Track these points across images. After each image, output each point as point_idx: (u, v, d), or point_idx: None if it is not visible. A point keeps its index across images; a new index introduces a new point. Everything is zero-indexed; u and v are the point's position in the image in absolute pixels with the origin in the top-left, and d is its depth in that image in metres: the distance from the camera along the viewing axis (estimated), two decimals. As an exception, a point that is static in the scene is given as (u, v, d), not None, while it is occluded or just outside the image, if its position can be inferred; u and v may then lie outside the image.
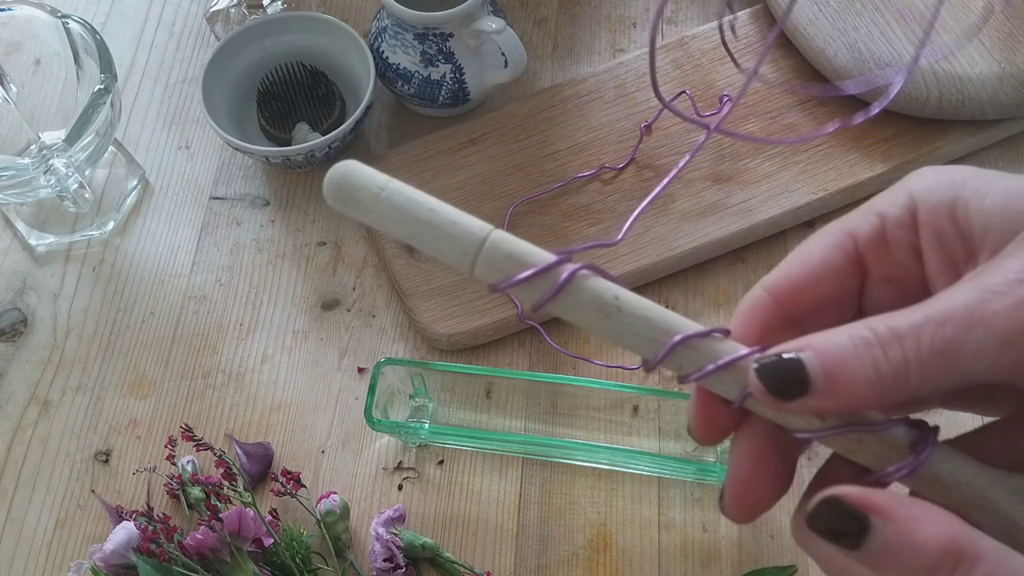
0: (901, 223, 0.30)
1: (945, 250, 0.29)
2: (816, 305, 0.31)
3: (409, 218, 0.30)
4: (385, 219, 0.30)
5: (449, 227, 0.30)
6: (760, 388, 0.28)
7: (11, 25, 0.66)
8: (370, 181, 0.30)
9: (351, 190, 0.30)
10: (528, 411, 0.61)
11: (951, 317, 0.26)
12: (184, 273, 0.68)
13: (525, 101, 0.71)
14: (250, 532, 0.54)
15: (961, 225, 0.29)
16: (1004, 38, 0.67)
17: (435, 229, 0.30)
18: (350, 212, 0.30)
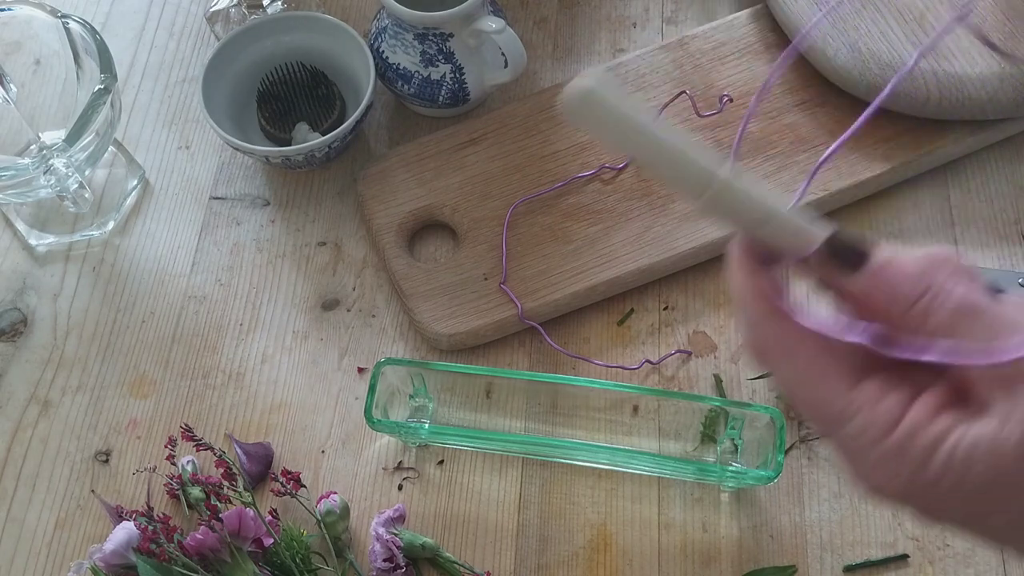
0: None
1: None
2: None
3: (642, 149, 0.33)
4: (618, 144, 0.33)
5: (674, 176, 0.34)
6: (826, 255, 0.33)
7: (11, 25, 0.66)
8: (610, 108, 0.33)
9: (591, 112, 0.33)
10: (528, 411, 0.61)
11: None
12: (184, 273, 0.68)
13: (525, 101, 0.71)
14: (250, 532, 0.54)
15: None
16: (1004, 38, 0.67)
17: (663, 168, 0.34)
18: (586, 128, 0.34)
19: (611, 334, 0.64)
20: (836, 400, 0.32)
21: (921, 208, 0.68)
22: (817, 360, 0.33)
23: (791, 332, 0.33)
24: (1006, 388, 0.30)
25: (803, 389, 0.33)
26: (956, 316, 0.31)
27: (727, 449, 0.58)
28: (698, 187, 0.33)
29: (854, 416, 0.32)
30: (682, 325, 0.64)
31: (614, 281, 0.64)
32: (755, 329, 0.34)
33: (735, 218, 0.34)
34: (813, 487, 0.59)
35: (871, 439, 0.31)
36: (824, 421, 0.33)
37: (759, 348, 0.35)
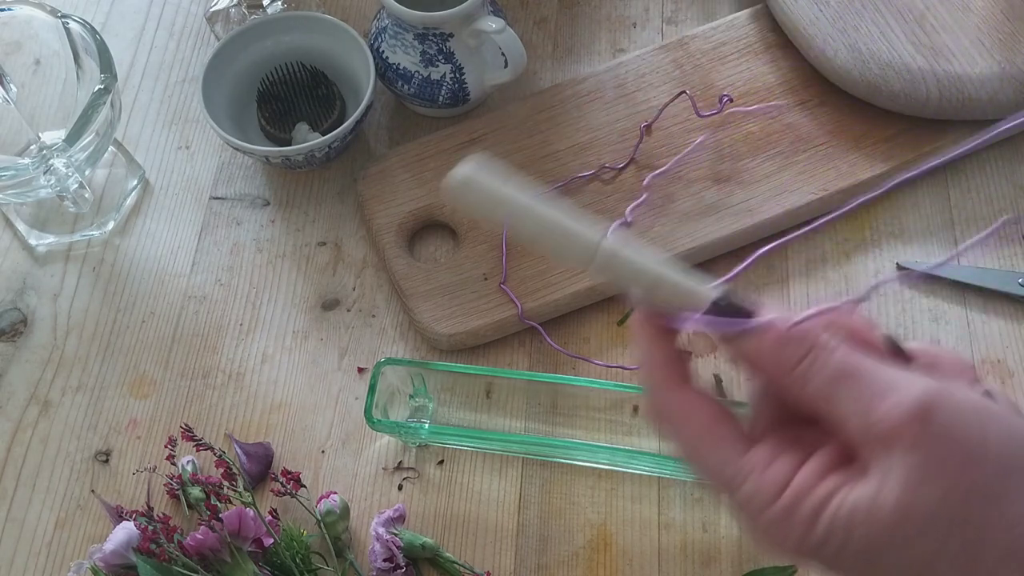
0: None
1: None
2: None
3: (525, 227, 0.35)
4: (503, 222, 0.35)
5: (558, 248, 0.36)
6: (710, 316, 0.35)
7: (11, 25, 0.66)
8: (490, 191, 0.35)
9: (475, 193, 0.35)
10: (528, 411, 0.61)
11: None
12: (184, 273, 0.68)
13: (525, 101, 0.71)
14: (250, 532, 0.54)
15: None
16: (1004, 38, 0.67)
17: (549, 242, 0.35)
18: (469, 211, 0.35)
19: (611, 334, 0.64)
20: (728, 465, 0.34)
21: (921, 208, 0.68)
22: (711, 426, 0.34)
23: (686, 399, 0.35)
24: (885, 448, 0.30)
25: (698, 454, 0.35)
26: (835, 379, 0.32)
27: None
28: (584, 257, 0.35)
29: (745, 481, 0.33)
30: (682, 325, 0.64)
31: (614, 281, 0.64)
32: (654, 395, 0.36)
33: (626, 283, 0.36)
34: (813, 487, 0.59)
35: (760, 504, 0.32)
36: (719, 485, 0.34)
37: (657, 413, 0.36)
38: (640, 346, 0.36)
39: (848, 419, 0.32)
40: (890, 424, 0.30)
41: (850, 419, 0.31)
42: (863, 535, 0.30)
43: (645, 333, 0.36)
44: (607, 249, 0.35)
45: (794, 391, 0.33)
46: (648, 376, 0.36)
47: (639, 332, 0.36)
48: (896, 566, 0.31)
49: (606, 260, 0.35)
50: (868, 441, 0.31)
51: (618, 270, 0.35)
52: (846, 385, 0.32)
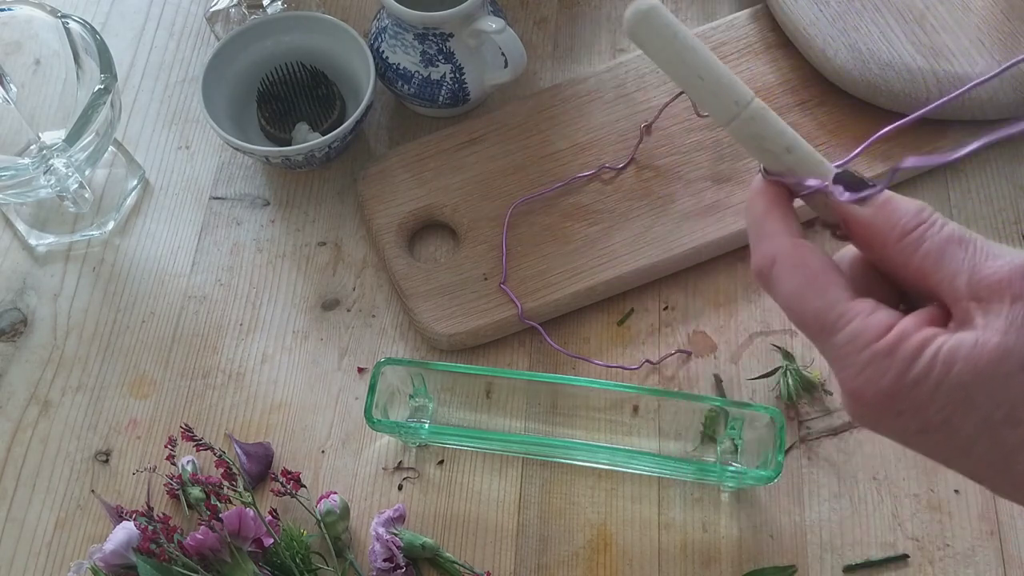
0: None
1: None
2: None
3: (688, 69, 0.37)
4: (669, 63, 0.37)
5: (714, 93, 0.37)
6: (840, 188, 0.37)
7: (11, 25, 0.66)
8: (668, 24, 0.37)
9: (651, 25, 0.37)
10: (528, 411, 0.61)
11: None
12: (184, 273, 0.68)
13: (525, 101, 0.71)
14: (250, 532, 0.54)
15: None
16: (1004, 38, 0.67)
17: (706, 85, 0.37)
18: (642, 46, 0.37)
19: (611, 334, 0.64)
20: (836, 307, 0.35)
21: (921, 208, 0.67)
22: (822, 272, 0.36)
23: (801, 245, 0.37)
24: (983, 306, 0.33)
25: (806, 297, 0.36)
26: (947, 242, 0.35)
27: (727, 449, 0.58)
28: (733, 109, 0.37)
29: (851, 321, 0.35)
30: (682, 325, 0.64)
31: (614, 281, 0.64)
32: (768, 240, 0.38)
33: (762, 143, 0.38)
34: (813, 487, 0.59)
35: (864, 342, 0.34)
36: (821, 327, 0.36)
37: (769, 259, 0.37)
38: (758, 202, 0.38)
39: (956, 276, 0.34)
40: (998, 278, 0.33)
41: (958, 276, 0.34)
42: (962, 371, 0.32)
43: (767, 191, 0.39)
44: (756, 106, 0.37)
45: (902, 258, 0.35)
46: (764, 225, 0.38)
47: (759, 190, 0.39)
48: (988, 403, 0.33)
49: (753, 114, 0.37)
50: (973, 294, 0.34)
51: (760, 128, 0.37)
52: (958, 248, 0.35)
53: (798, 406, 0.61)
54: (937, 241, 0.35)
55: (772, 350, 0.63)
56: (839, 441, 0.60)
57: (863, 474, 0.59)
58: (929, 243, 0.35)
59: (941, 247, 0.35)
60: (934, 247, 0.35)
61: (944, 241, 0.35)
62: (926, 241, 0.35)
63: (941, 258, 0.35)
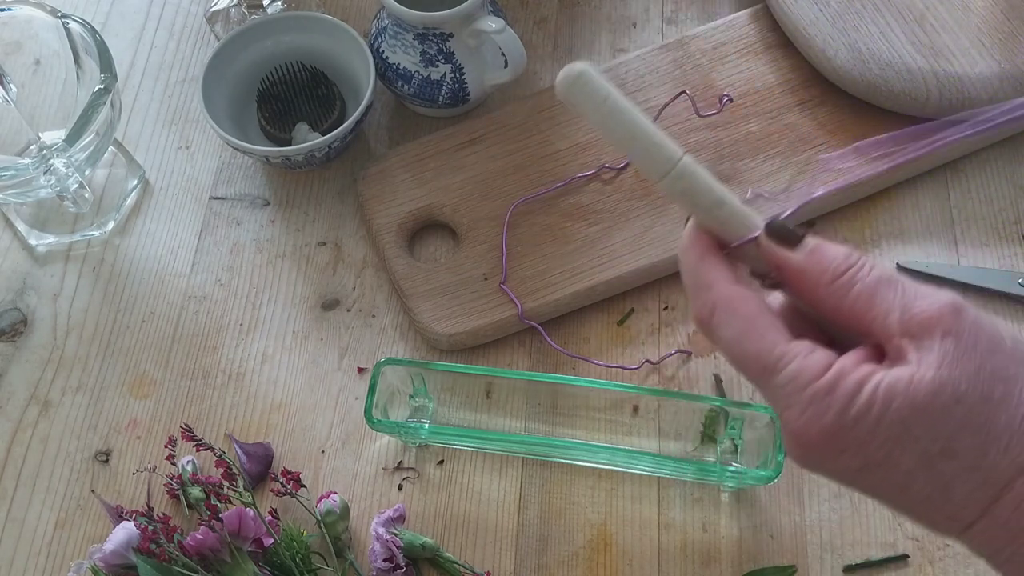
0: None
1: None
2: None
3: (619, 129, 0.39)
4: (600, 124, 0.39)
5: (645, 151, 0.39)
6: (768, 236, 0.39)
7: (11, 25, 0.66)
8: (599, 88, 0.39)
9: (582, 89, 0.39)
10: (528, 411, 0.61)
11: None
12: (184, 273, 0.68)
13: (525, 101, 0.71)
14: (250, 532, 0.54)
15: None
16: (1004, 38, 0.67)
17: (638, 145, 0.39)
18: (575, 107, 0.39)
19: (611, 334, 0.64)
20: (775, 349, 0.37)
21: (921, 208, 0.68)
22: (759, 317, 0.38)
23: (738, 291, 0.39)
24: (916, 342, 0.35)
25: (745, 342, 0.38)
26: (877, 284, 0.36)
27: (727, 449, 0.58)
28: (664, 167, 0.39)
29: (790, 362, 0.36)
30: (682, 325, 0.64)
31: (614, 281, 0.64)
32: (706, 290, 0.39)
33: (693, 199, 0.39)
34: (813, 487, 0.59)
35: (804, 381, 0.36)
36: (762, 369, 0.37)
37: (708, 308, 0.39)
38: (691, 253, 0.40)
39: (888, 314, 0.36)
40: (928, 315, 0.35)
41: (890, 314, 0.36)
42: (901, 406, 0.34)
43: (699, 241, 0.40)
44: (686, 164, 0.39)
45: (834, 300, 0.37)
46: (700, 275, 0.39)
47: (692, 242, 0.40)
48: (926, 437, 0.34)
49: (682, 173, 0.39)
50: (906, 331, 0.35)
51: (690, 185, 0.39)
52: (888, 288, 0.36)
53: (798, 406, 0.61)
54: (868, 283, 0.36)
55: (772, 350, 0.63)
56: (839, 441, 0.60)
57: (863, 474, 0.59)
58: (860, 285, 0.36)
59: (872, 288, 0.36)
60: (865, 288, 0.36)
61: (874, 282, 0.36)
62: (857, 283, 0.37)
63: (872, 298, 0.36)
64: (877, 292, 0.36)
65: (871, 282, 0.36)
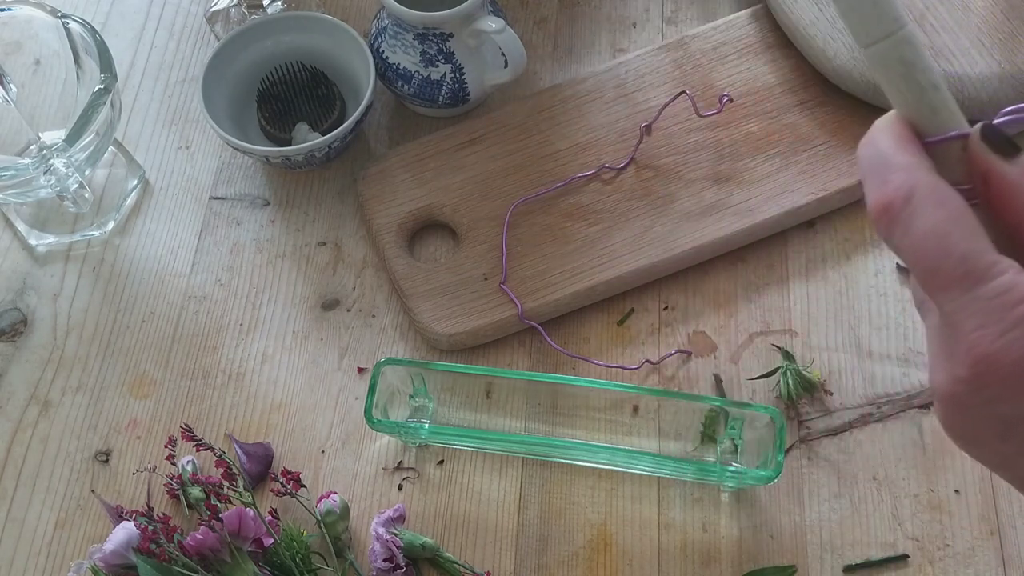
0: None
1: None
2: None
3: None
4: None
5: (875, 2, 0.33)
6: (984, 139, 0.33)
7: (11, 25, 0.66)
8: None
9: None
10: (528, 411, 0.61)
11: None
12: (184, 273, 0.68)
13: (525, 101, 0.71)
14: (250, 532, 0.54)
15: None
16: (1004, 38, 0.67)
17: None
18: None
19: (611, 334, 0.64)
20: (986, 254, 0.31)
21: (921, 208, 0.67)
22: (969, 216, 0.32)
23: (944, 184, 0.33)
24: None
25: (951, 238, 0.31)
26: None
27: (727, 449, 0.58)
28: (892, 26, 0.33)
29: (1003, 273, 0.31)
30: (682, 325, 0.64)
31: (614, 281, 0.64)
32: (903, 172, 0.33)
33: (910, 73, 0.33)
34: (813, 487, 0.59)
35: (1016, 298, 0.30)
36: (964, 274, 0.31)
37: (904, 191, 0.32)
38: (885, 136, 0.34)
39: None
40: None
41: None
42: None
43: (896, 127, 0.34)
44: (912, 33, 0.33)
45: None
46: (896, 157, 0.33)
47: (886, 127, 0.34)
48: None
49: (910, 37, 0.33)
50: None
51: (913, 55, 0.33)
52: None
53: (798, 406, 0.61)
54: None
55: (772, 350, 0.63)
56: (839, 441, 0.60)
57: (863, 474, 0.59)
58: None
59: None
60: None
61: None
62: None
63: None
64: None
65: None
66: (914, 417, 0.60)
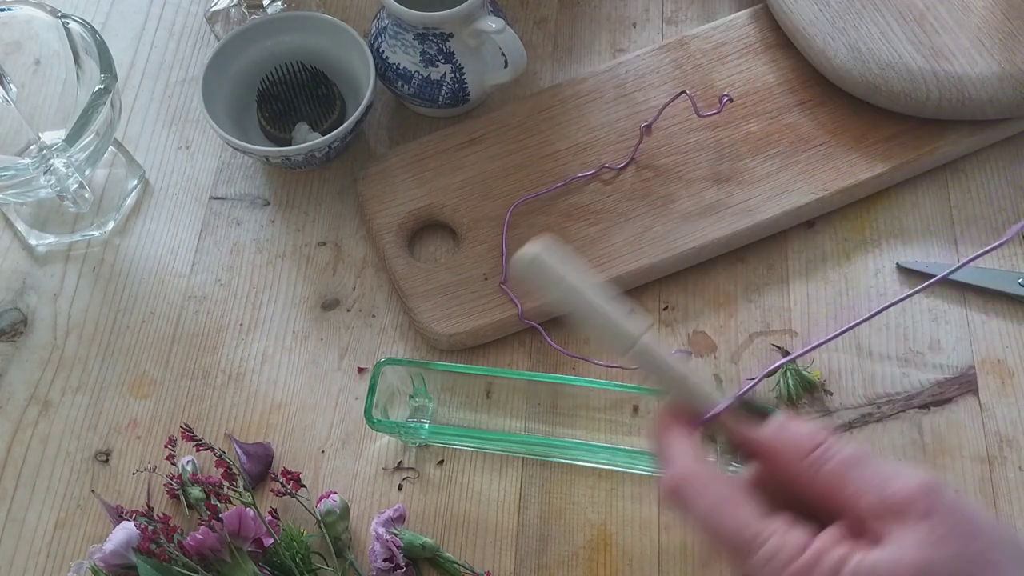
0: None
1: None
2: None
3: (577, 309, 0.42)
4: (560, 303, 0.42)
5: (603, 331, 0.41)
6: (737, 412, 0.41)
7: (11, 25, 0.66)
8: (553, 270, 0.41)
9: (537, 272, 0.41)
10: (528, 411, 0.61)
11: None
12: (184, 273, 0.68)
13: (525, 101, 0.71)
14: (250, 532, 0.54)
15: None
16: (1004, 38, 0.67)
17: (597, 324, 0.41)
18: (533, 288, 0.42)
19: (611, 334, 0.64)
20: (750, 526, 0.36)
21: (921, 208, 0.68)
22: (732, 493, 0.38)
23: (708, 471, 0.39)
24: (900, 517, 0.34)
25: (719, 518, 0.37)
26: (847, 464, 0.36)
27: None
28: (624, 346, 0.41)
29: (767, 540, 0.36)
30: (682, 325, 0.64)
31: (614, 281, 0.64)
32: (675, 462, 0.40)
33: (655, 374, 0.41)
34: (813, 487, 0.59)
35: (782, 562, 0.35)
36: (738, 547, 0.36)
37: (678, 479, 0.39)
38: (662, 431, 0.41)
39: (861, 496, 0.35)
40: (904, 496, 0.34)
41: (864, 496, 0.35)
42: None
43: (670, 417, 0.41)
44: (644, 344, 0.41)
45: (806, 476, 0.37)
46: (669, 448, 0.40)
47: (662, 421, 0.41)
48: None
49: (641, 352, 0.41)
50: (882, 513, 0.35)
51: (649, 363, 0.41)
52: (859, 468, 0.36)
53: (798, 406, 0.61)
54: (838, 461, 0.37)
55: (772, 350, 0.63)
56: (839, 441, 0.60)
57: (863, 474, 0.59)
58: (831, 463, 0.37)
59: (843, 468, 0.36)
60: (836, 467, 0.37)
61: (844, 462, 0.37)
62: (828, 461, 0.37)
63: (844, 477, 0.36)
64: (848, 472, 0.36)
65: (841, 462, 0.37)
66: (914, 417, 0.60)
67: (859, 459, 0.36)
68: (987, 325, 0.63)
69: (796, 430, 0.38)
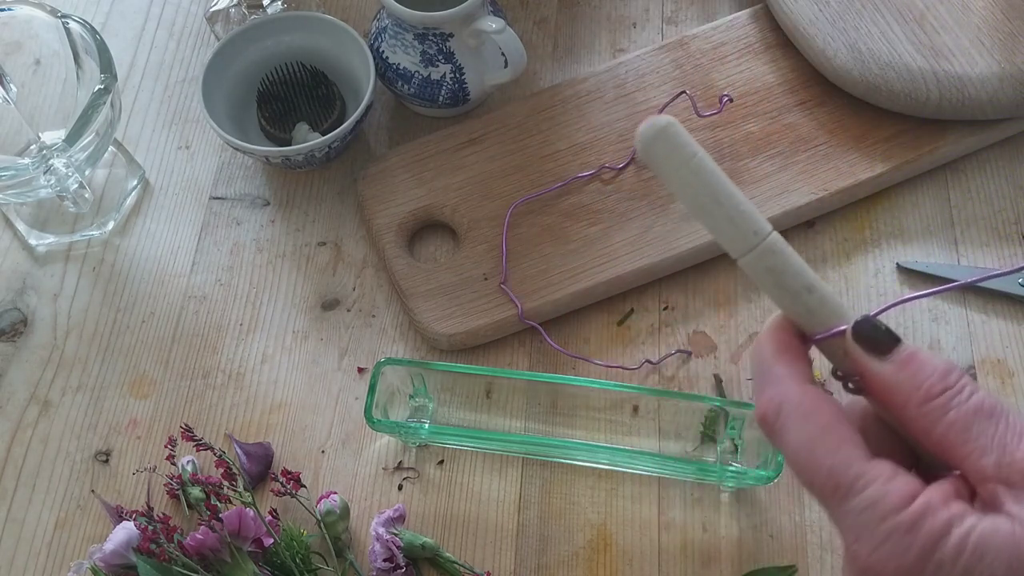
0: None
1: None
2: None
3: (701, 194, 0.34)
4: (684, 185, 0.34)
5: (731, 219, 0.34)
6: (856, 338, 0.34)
7: (11, 25, 0.66)
8: (685, 144, 0.34)
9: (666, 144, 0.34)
10: (528, 411, 0.61)
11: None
12: (184, 273, 0.68)
13: (525, 101, 0.71)
14: (250, 532, 0.54)
15: None
16: (1004, 38, 0.67)
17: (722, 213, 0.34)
18: (655, 165, 0.34)
19: (611, 334, 0.64)
20: (851, 467, 0.32)
21: (921, 208, 0.68)
22: (835, 425, 0.33)
23: (814, 394, 0.34)
24: (1015, 492, 0.31)
25: (816, 453, 0.33)
26: (975, 414, 0.32)
27: (727, 449, 0.58)
28: (752, 239, 0.34)
29: (868, 486, 0.32)
30: (682, 325, 0.64)
31: (614, 281, 0.64)
32: (774, 386, 0.35)
33: (780, 279, 0.34)
34: (813, 487, 0.59)
35: (882, 512, 0.31)
36: (833, 488, 0.32)
37: (774, 406, 0.34)
38: (767, 344, 0.36)
39: (984, 455, 0.31)
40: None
41: (986, 455, 0.31)
42: (994, 562, 0.30)
43: (778, 333, 0.36)
44: (778, 238, 0.34)
45: (923, 424, 0.33)
46: (771, 368, 0.35)
47: (770, 332, 0.36)
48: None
49: (773, 247, 0.34)
50: (1005, 477, 0.31)
51: (779, 262, 0.34)
52: (987, 422, 0.32)
53: (798, 406, 0.61)
54: (964, 411, 0.32)
55: (772, 350, 0.63)
56: (839, 441, 0.60)
57: (863, 474, 0.59)
58: (955, 412, 0.32)
59: (968, 418, 0.32)
60: (960, 417, 0.32)
61: (972, 412, 0.32)
62: (952, 410, 0.32)
63: (967, 431, 0.32)
64: (973, 425, 0.32)
65: (968, 411, 0.32)
66: (914, 417, 0.60)
67: (991, 411, 0.32)
68: (987, 325, 0.63)
69: (924, 367, 0.33)
